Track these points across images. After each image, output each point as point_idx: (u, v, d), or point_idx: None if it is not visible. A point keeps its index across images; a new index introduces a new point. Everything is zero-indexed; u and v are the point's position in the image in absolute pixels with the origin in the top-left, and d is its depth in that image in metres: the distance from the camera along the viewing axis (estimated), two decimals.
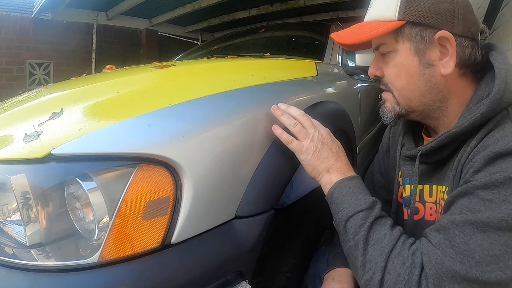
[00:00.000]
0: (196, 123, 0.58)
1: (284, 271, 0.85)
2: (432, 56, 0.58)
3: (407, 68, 0.60)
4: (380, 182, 0.84)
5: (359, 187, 0.61)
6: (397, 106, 0.64)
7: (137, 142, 0.51)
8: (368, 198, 0.59)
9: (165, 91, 0.71)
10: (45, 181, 0.48)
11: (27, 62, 3.99)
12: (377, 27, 0.60)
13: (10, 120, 0.64)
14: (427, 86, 0.60)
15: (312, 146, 0.64)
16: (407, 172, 0.70)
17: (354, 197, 0.59)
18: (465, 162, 0.54)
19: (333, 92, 1.13)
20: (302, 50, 1.70)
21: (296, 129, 0.66)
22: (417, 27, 0.58)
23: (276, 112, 0.68)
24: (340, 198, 0.60)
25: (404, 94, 0.62)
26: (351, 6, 4.05)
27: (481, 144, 0.53)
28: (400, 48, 0.60)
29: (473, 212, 0.47)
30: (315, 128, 0.66)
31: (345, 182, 0.62)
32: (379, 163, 0.87)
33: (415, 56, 0.59)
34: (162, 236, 0.51)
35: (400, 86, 0.62)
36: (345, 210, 0.58)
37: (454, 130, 0.56)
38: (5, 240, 0.52)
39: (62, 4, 3.75)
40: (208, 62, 1.17)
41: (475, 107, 0.56)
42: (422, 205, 0.66)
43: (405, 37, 0.59)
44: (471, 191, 0.49)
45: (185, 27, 5.45)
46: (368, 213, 0.57)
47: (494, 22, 1.63)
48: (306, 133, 0.65)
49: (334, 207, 0.61)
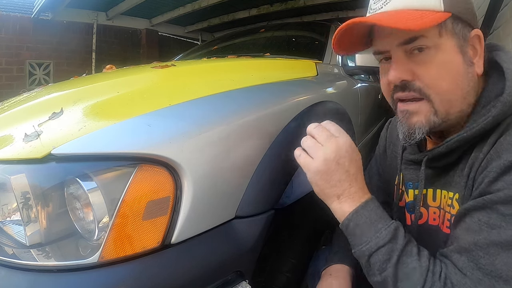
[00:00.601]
0: (196, 123, 0.58)
1: (284, 271, 0.85)
2: (470, 54, 0.54)
3: (452, 67, 0.53)
4: (378, 184, 0.82)
5: (376, 213, 0.55)
6: (434, 116, 0.54)
7: (137, 142, 0.51)
8: (389, 226, 0.53)
9: (165, 91, 0.71)
10: (45, 181, 0.48)
11: (27, 62, 3.99)
12: (424, 16, 0.50)
13: (10, 120, 0.64)
14: (469, 86, 0.54)
15: (323, 166, 0.55)
16: (410, 176, 0.67)
17: (373, 228, 0.53)
18: (479, 169, 0.51)
19: (333, 92, 1.13)
20: (302, 50, 1.70)
21: (307, 143, 0.58)
22: (459, 22, 0.53)
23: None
24: (357, 231, 0.54)
25: (447, 99, 0.54)
26: (351, 6, 4.04)
27: (493, 150, 0.50)
28: (444, 44, 0.52)
29: (493, 228, 0.46)
30: (332, 142, 0.56)
31: (360, 212, 0.54)
32: (376, 165, 0.84)
33: (459, 54, 0.53)
34: (162, 236, 0.51)
35: (444, 88, 0.53)
36: (366, 244, 0.53)
37: (464, 134, 0.53)
38: (5, 240, 0.52)
39: (62, 4, 3.74)
40: (208, 62, 1.17)
41: (485, 110, 0.53)
42: (425, 209, 0.63)
43: (449, 31, 0.52)
44: (489, 206, 0.46)
45: (185, 27, 5.44)
46: (393, 246, 0.51)
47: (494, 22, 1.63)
48: (319, 149, 0.56)
49: (352, 239, 0.56)
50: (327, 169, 0.55)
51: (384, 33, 0.55)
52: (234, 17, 4.65)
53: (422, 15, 0.50)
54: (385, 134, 0.83)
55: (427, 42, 0.52)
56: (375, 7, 0.56)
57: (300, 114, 0.78)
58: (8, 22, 3.80)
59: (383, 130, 0.85)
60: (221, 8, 4.31)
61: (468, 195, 0.53)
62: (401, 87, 0.56)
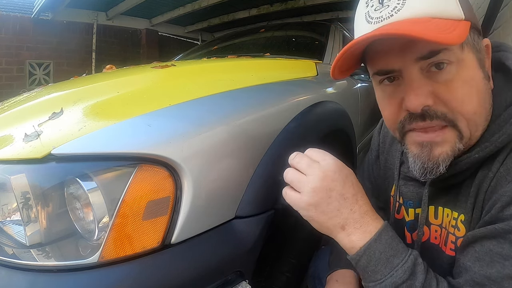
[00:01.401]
0: (196, 123, 0.58)
1: (284, 271, 0.85)
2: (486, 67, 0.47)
3: (477, 84, 0.45)
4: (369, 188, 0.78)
5: (391, 247, 0.47)
6: (460, 144, 0.47)
7: (137, 142, 0.51)
8: (406, 261, 0.46)
9: (165, 91, 0.71)
10: (45, 181, 0.48)
11: (27, 62, 3.99)
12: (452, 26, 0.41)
13: (10, 120, 0.64)
14: (489, 104, 0.48)
15: (313, 198, 0.47)
16: (410, 194, 0.61)
17: (389, 265, 0.46)
18: (488, 189, 0.46)
19: (333, 92, 1.13)
20: (302, 50, 1.70)
21: (288, 177, 0.50)
22: (474, 32, 0.45)
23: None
24: (370, 267, 0.47)
25: (474, 121, 0.46)
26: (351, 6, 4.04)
27: (504, 167, 0.45)
28: (466, 59, 0.44)
29: (506, 259, 0.42)
30: (314, 169, 0.48)
31: (373, 247, 0.47)
32: (368, 170, 0.79)
33: (479, 69, 0.46)
34: (162, 236, 0.50)
35: (471, 111, 0.45)
36: (381, 283, 0.47)
37: (476, 155, 0.47)
38: (5, 240, 0.52)
39: (62, 4, 3.75)
40: (208, 62, 1.17)
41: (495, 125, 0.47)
42: (427, 227, 0.59)
43: (469, 44, 0.45)
44: (501, 235, 0.42)
45: (185, 27, 5.44)
46: (412, 283, 0.46)
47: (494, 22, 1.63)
48: (302, 181, 0.48)
49: (363, 274, 0.49)
50: (319, 199, 0.47)
51: (393, 48, 0.45)
52: (234, 17, 4.65)
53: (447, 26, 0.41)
54: (377, 139, 0.75)
55: (450, 56, 0.43)
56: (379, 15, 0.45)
57: (300, 114, 0.78)
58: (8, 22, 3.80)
59: (375, 134, 0.77)
60: (221, 8, 4.31)
61: (477, 218, 0.49)
62: (421, 115, 0.46)
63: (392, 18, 0.43)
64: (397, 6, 0.43)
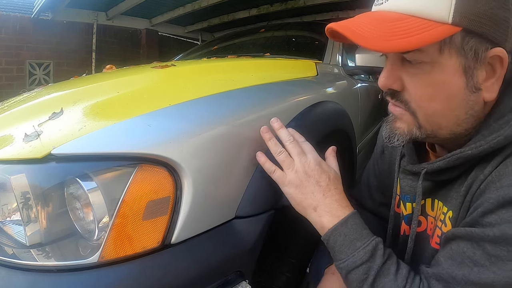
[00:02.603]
0: (196, 123, 0.58)
1: (284, 271, 0.85)
2: (480, 77, 0.45)
3: (449, 91, 0.46)
4: (375, 184, 0.80)
5: (356, 231, 0.54)
6: (417, 130, 0.51)
7: (137, 142, 0.51)
8: (367, 245, 0.52)
9: (165, 91, 0.71)
10: (45, 181, 0.48)
11: (27, 62, 3.99)
12: (420, 29, 0.42)
13: (10, 120, 0.64)
14: (467, 114, 0.47)
15: (295, 178, 0.57)
16: (407, 188, 0.63)
17: (352, 246, 0.52)
18: (477, 192, 0.47)
19: (333, 92, 1.13)
20: (302, 50, 1.70)
21: (281, 157, 0.59)
22: (472, 38, 0.43)
23: (264, 135, 0.62)
24: (336, 247, 0.54)
25: (435, 121, 0.49)
26: (351, 6, 4.04)
27: (496, 172, 0.45)
28: (443, 62, 0.45)
29: (476, 265, 0.43)
30: (301, 157, 0.58)
31: (338, 229, 0.54)
32: (374, 165, 0.81)
33: (462, 77, 0.45)
34: (162, 236, 0.50)
35: (432, 111, 0.48)
36: (344, 262, 0.52)
37: (469, 152, 0.47)
38: (5, 240, 0.52)
39: (62, 4, 3.75)
40: (208, 62, 1.17)
41: (497, 125, 0.46)
42: (424, 218, 0.61)
43: (454, 48, 0.44)
44: (476, 241, 0.43)
45: (185, 27, 5.44)
46: (370, 265, 0.50)
47: None
48: (291, 162, 0.58)
49: (332, 253, 0.56)
50: (299, 181, 0.57)
51: None
52: (234, 17, 4.65)
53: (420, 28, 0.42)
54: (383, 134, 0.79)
55: (422, 57, 0.45)
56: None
57: (300, 114, 0.78)
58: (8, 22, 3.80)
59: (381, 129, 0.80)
60: (221, 8, 4.31)
61: (462, 217, 0.50)
62: (390, 94, 0.52)
63: (382, 5, 0.47)
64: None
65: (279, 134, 0.62)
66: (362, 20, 0.48)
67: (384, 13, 0.46)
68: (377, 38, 0.44)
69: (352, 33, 0.46)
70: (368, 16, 0.48)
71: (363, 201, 0.84)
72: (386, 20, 0.45)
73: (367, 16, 0.48)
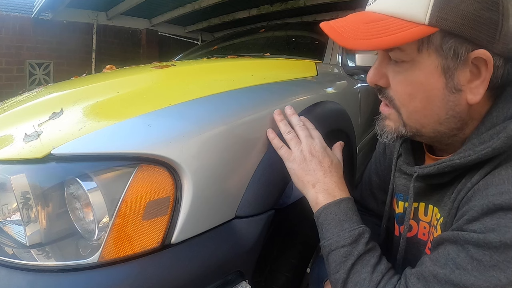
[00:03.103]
0: (196, 123, 0.58)
1: (284, 271, 0.85)
2: (461, 78, 0.45)
3: (427, 90, 0.47)
4: (377, 183, 0.80)
5: (347, 214, 0.55)
6: (403, 128, 0.53)
7: (137, 142, 0.51)
8: (354, 229, 0.53)
9: (165, 91, 0.71)
10: (45, 181, 0.48)
11: (27, 62, 3.99)
12: (397, 29, 0.44)
13: (10, 120, 0.64)
14: (447, 114, 0.48)
15: (300, 155, 0.61)
16: (401, 187, 0.64)
17: (339, 226, 0.54)
18: (464, 199, 0.47)
19: (333, 92, 1.13)
20: (302, 50, 1.70)
21: (289, 136, 0.64)
22: (451, 38, 0.43)
23: (276, 117, 0.67)
24: (325, 225, 0.55)
25: (416, 119, 0.50)
26: (351, 6, 4.04)
27: (483, 181, 0.45)
28: (422, 62, 0.46)
29: (458, 268, 0.43)
30: (308, 139, 0.63)
31: (331, 208, 0.56)
32: (376, 163, 0.82)
33: (441, 77, 0.46)
34: (162, 236, 0.51)
35: (412, 108, 0.50)
36: (328, 240, 0.54)
37: (458, 161, 0.48)
38: (5, 240, 0.52)
39: (62, 4, 3.75)
40: (208, 62, 1.17)
41: (487, 135, 0.46)
42: (416, 222, 0.60)
43: (432, 48, 0.45)
44: (461, 243, 0.43)
45: (185, 27, 5.45)
46: (351, 250, 0.51)
47: None
48: (298, 142, 0.63)
49: (320, 231, 0.57)
50: (303, 158, 0.61)
51: None
52: (234, 17, 4.65)
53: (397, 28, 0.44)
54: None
55: (402, 56, 0.47)
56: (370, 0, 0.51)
57: (300, 114, 0.78)
58: (8, 22, 3.80)
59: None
60: (221, 8, 4.31)
61: (450, 223, 0.50)
62: (378, 90, 0.55)
63: (370, 7, 0.50)
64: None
65: (291, 119, 0.67)
66: (348, 20, 0.51)
67: (370, 13, 0.49)
68: (355, 38, 0.47)
69: (334, 33, 0.50)
70: (356, 16, 0.51)
71: (366, 202, 0.83)
72: (369, 21, 0.47)
73: (355, 16, 0.51)
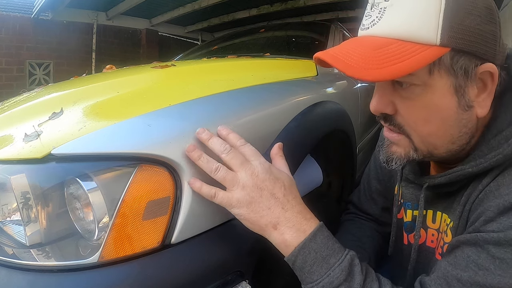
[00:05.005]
0: (196, 123, 0.57)
1: (284, 272, 0.85)
2: (471, 95, 0.45)
3: (442, 111, 0.45)
4: (377, 188, 0.80)
5: (327, 246, 0.48)
6: (414, 153, 0.50)
7: (137, 142, 0.51)
8: (342, 260, 0.47)
9: (165, 91, 0.71)
10: (45, 181, 0.48)
11: (27, 62, 3.99)
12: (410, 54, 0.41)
13: (10, 120, 0.64)
14: (461, 132, 0.47)
15: (245, 196, 0.48)
16: (409, 196, 0.63)
17: (325, 265, 0.46)
18: (475, 201, 0.47)
19: (333, 92, 1.13)
20: (302, 50, 1.70)
21: (219, 175, 0.49)
22: (461, 56, 0.43)
23: (191, 155, 0.50)
24: (306, 268, 0.47)
25: (430, 142, 0.49)
26: (351, 6, 4.05)
27: (494, 182, 0.45)
28: (434, 84, 0.44)
29: (480, 269, 0.42)
30: (245, 167, 0.49)
31: (307, 246, 0.47)
32: (376, 170, 0.80)
33: (453, 97, 0.45)
34: (162, 236, 0.50)
35: (427, 132, 0.48)
36: (318, 284, 0.46)
37: (469, 170, 0.47)
38: (5, 240, 0.52)
39: (62, 4, 3.75)
40: (208, 62, 1.17)
41: (494, 141, 0.47)
42: (424, 230, 0.60)
43: (443, 69, 0.44)
44: (480, 244, 0.43)
45: (185, 27, 5.45)
46: (349, 285, 0.46)
47: None
48: (234, 178, 0.49)
49: (300, 275, 0.49)
50: (250, 198, 0.48)
51: None
52: (234, 17, 4.65)
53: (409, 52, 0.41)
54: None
55: (412, 80, 0.45)
56: (365, 23, 0.48)
57: (300, 114, 0.78)
58: (8, 22, 3.80)
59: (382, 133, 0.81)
60: (221, 8, 4.31)
61: (462, 226, 0.50)
62: (383, 118, 0.51)
63: (368, 30, 0.46)
64: (375, 19, 0.45)
65: (211, 146, 0.51)
66: (349, 47, 0.46)
67: (371, 38, 0.45)
68: (367, 68, 0.42)
69: (342, 64, 0.44)
70: (355, 42, 0.47)
71: (364, 206, 0.83)
72: (374, 47, 0.44)
73: (354, 42, 0.47)
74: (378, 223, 0.82)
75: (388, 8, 0.44)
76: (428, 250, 0.59)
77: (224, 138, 0.53)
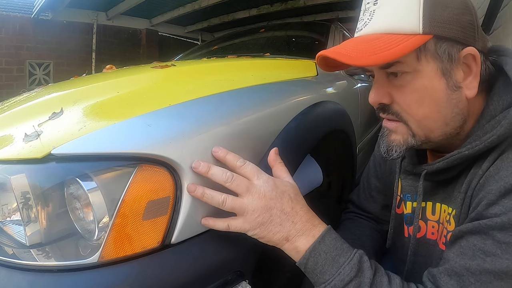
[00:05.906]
0: (196, 123, 0.58)
1: (284, 271, 0.85)
2: (458, 77, 0.50)
3: (432, 93, 0.50)
4: (377, 186, 0.81)
5: (336, 247, 0.50)
6: (412, 139, 0.54)
7: (137, 142, 0.51)
8: (352, 259, 0.49)
9: (165, 91, 0.71)
10: (45, 181, 0.48)
11: (27, 62, 3.99)
12: (397, 42, 0.47)
13: (10, 120, 0.64)
14: (453, 112, 0.51)
15: (256, 219, 0.50)
16: (408, 188, 0.65)
17: (335, 264, 0.49)
18: (477, 186, 0.49)
19: (333, 92, 1.13)
20: (302, 50, 1.70)
21: (228, 205, 0.50)
22: (444, 42, 0.49)
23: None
24: (318, 269, 0.50)
25: (425, 125, 0.53)
26: (351, 6, 4.05)
27: (494, 167, 0.47)
28: (423, 69, 0.50)
29: (488, 255, 0.43)
30: (252, 191, 0.50)
31: (317, 249, 0.50)
32: (375, 167, 0.82)
33: (442, 78, 0.50)
34: (162, 236, 0.50)
35: (421, 115, 0.52)
36: (330, 282, 0.48)
37: (466, 152, 0.50)
38: (5, 240, 0.52)
39: (62, 4, 3.75)
40: (208, 62, 1.17)
41: (489, 125, 0.50)
42: (424, 222, 0.61)
43: (429, 55, 0.49)
44: (485, 231, 0.44)
45: (185, 27, 5.45)
46: (360, 280, 0.48)
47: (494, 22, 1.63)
48: (243, 205, 0.50)
49: (312, 277, 0.51)
50: (262, 219, 0.50)
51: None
52: (234, 17, 4.65)
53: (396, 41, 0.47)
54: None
55: (403, 67, 0.50)
56: (359, 26, 0.54)
57: (300, 114, 0.78)
58: (8, 22, 3.81)
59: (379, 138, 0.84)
60: (221, 8, 4.31)
61: (465, 213, 0.51)
62: (381, 108, 0.56)
63: (362, 31, 0.53)
64: (366, 21, 0.52)
65: (212, 178, 0.51)
66: (347, 44, 0.53)
67: (365, 36, 0.52)
68: (363, 56, 0.48)
69: (342, 55, 0.51)
70: (353, 40, 0.54)
71: (364, 205, 0.84)
72: (368, 40, 0.50)
73: (351, 40, 0.54)
74: (377, 221, 0.82)
75: (376, 10, 0.51)
76: (428, 243, 0.60)
77: (222, 160, 0.53)
